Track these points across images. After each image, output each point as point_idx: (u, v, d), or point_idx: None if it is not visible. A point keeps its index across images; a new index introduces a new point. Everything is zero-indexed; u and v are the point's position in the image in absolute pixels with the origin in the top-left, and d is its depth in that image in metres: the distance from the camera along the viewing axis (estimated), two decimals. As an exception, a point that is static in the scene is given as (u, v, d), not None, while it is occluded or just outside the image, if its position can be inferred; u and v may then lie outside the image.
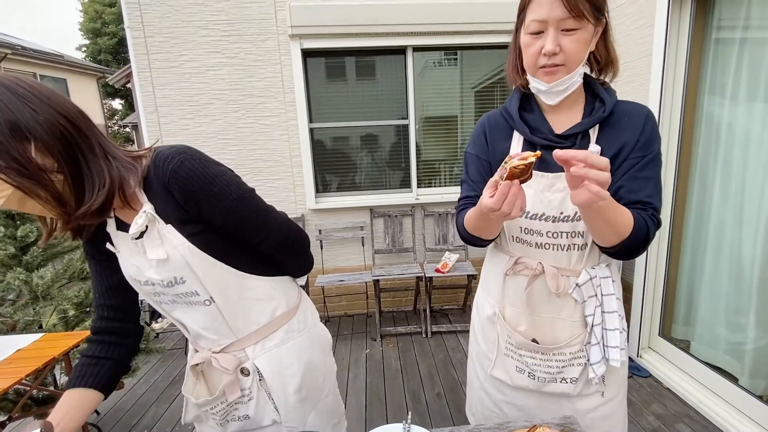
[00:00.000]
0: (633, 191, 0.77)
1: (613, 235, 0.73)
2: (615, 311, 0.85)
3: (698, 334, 2.17)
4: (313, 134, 3.16)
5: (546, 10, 0.72)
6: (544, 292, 0.88)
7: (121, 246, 0.77)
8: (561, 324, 0.89)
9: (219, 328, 0.84)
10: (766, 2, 1.69)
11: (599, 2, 0.73)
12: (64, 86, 11.18)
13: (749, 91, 1.79)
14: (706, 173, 2.04)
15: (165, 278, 0.75)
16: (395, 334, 2.96)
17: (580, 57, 0.75)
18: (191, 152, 0.72)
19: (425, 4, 2.91)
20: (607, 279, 0.86)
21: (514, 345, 0.94)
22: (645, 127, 0.79)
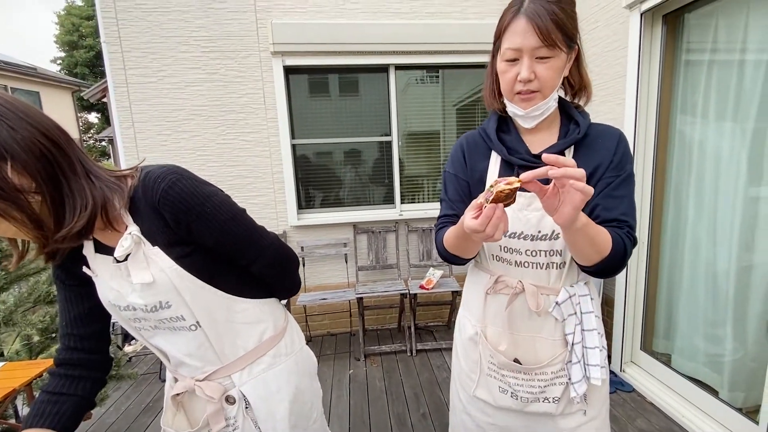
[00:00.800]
0: (608, 209, 0.80)
1: (594, 253, 0.74)
2: (594, 329, 0.86)
3: (678, 347, 2.20)
4: (296, 150, 3.13)
5: (520, 39, 0.75)
6: (525, 311, 0.88)
7: (99, 269, 0.73)
8: (542, 343, 0.89)
9: (204, 355, 0.80)
10: (731, 27, 1.78)
11: (570, 32, 0.76)
12: (37, 99, 10.87)
13: (718, 111, 1.87)
14: (681, 190, 2.10)
15: (149, 303, 0.72)
16: (379, 353, 2.90)
17: (554, 83, 0.79)
18: (182, 172, 0.70)
19: (407, 24, 2.96)
20: (585, 297, 0.87)
21: (496, 365, 0.94)
22: (618, 148, 0.82)
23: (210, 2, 2.80)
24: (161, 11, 2.76)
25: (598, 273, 0.80)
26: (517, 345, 0.91)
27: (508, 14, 0.78)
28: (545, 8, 0.73)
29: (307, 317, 3.19)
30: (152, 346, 0.83)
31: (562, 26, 0.74)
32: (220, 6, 2.81)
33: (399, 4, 2.96)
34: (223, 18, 2.82)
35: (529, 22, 0.73)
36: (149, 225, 0.69)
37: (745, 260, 1.81)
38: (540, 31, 0.73)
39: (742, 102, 1.76)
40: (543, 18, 0.72)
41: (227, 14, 2.82)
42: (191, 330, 0.77)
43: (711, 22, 1.86)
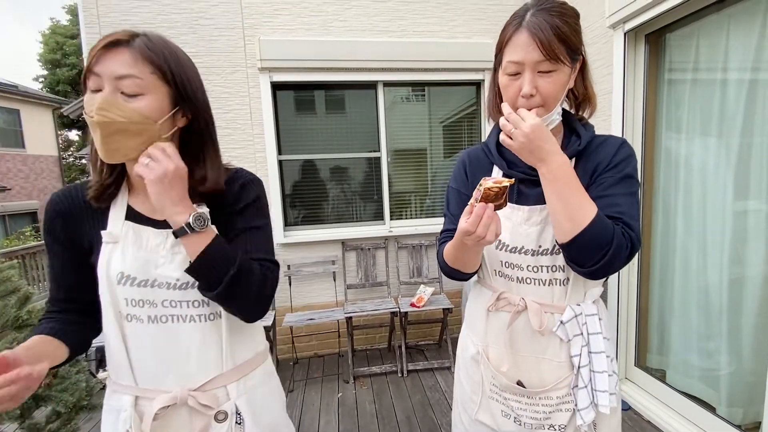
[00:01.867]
0: (603, 206, 0.75)
1: (566, 219, 0.71)
2: (602, 351, 0.81)
3: (673, 363, 2.17)
4: (282, 166, 3.08)
5: (522, 53, 0.73)
6: (528, 330, 0.84)
7: (128, 237, 0.74)
8: (547, 365, 0.85)
9: (206, 356, 0.76)
10: (711, 47, 1.83)
11: (574, 44, 0.74)
12: (17, 117, 10.66)
13: (703, 127, 1.90)
14: (669, 204, 2.11)
15: (184, 278, 0.72)
16: (369, 375, 2.80)
17: (557, 97, 0.77)
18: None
19: (396, 42, 2.99)
20: (593, 317, 0.82)
21: (498, 387, 0.89)
22: (618, 152, 0.80)
23: (196, 19, 2.78)
24: (147, 27, 2.71)
25: (576, 257, 0.74)
26: (520, 366, 0.87)
27: (510, 27, 0.76)
28: (548, 21, 0.71)
29: (294, 338, 3.07)
30: (134, 349, 0.74)
31: (565, 39, 0.72)
32: (207, 23, 2.79)
33: (387, 22, 2.99)
34: (209, 34, 2.80)
35: (531, 36, 0.72)
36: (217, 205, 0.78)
37: (735, 273, 1.81)
38: (542, 45, 0.71)
39: (725, 118, 1.79)
40: (545, 31, 0.71)
41: (214, 31, 2.81)
42: (209, 320, 0.76)
43: (692, 41, 1.91)
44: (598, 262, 0.71)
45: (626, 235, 0.73)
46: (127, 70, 0.65)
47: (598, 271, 0.73)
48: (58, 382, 1.65)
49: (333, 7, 2.92)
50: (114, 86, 0.65)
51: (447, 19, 3.06)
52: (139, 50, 0.66)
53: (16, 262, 1.76)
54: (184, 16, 2.76)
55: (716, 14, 1.78)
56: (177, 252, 0.74)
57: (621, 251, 0.72)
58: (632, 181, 0.79)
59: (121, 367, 0.75)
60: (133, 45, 0.66)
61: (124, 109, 0.65)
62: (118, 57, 0.66)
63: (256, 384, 0.83)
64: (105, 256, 0.73)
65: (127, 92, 0.66)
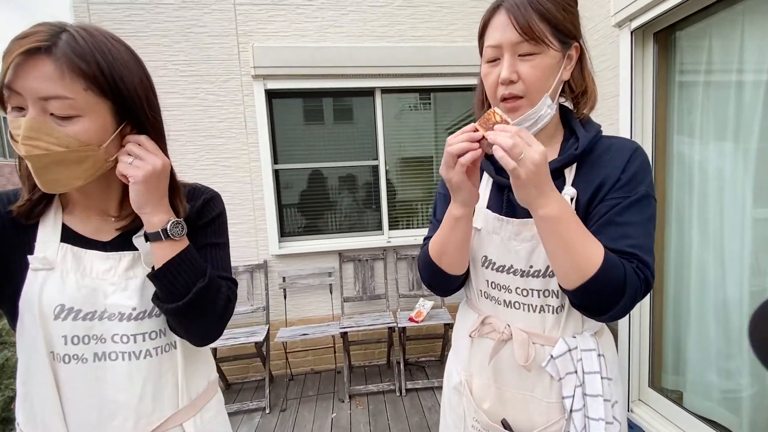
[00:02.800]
0: (613, 239, 0.64)
1: (571, 268, 0.60)
2: (599, 395, 0.68)
3: (690, 384, 2.01)
4: (278, 176, 3.00)
5: (499, 33, 0.65)
6: (514, 362, 0.73)
7: (66, 263, 0.63)
8: (536, 405, 0.73)
9: (162, 392, 0.68)
10: (725, 49, 1.70)
11: (562, 25, 0.65)
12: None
13: (717, 132, 1.77)
14: (683, 213, 1.97)
15: (141, 306, 0.66)
16: (366, 393, 2.67)
17: (542, 85, 0.66)
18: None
19: (393, 47, 2.90)
20: (590, 353, 0.69)
21: (480, 425, 0.78)
22: (629, 164, 0.67)
23: (190, 27, 2.73)
24: (140, 35, 2.68)
25: (584, 305, 0.64)
26: (506, 403, 0.75)
27: (489, 10, 0.69)
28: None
29: (288, 354, 2.96)
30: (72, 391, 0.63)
31: (549, 18, 0.63)
32: (201, 30, 2.74)
33: (385, 27, 2.92)
34: (202, 42, 2.75)
35: (507, 14, 0.64)
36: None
37: (756, 285, 1.67)
38: (518, 23, 0.62)
39: (743, 122, 1.66)
40: (522, 8, 0.63)
41: (207, 38, 2.76)
42: (165, 351, 0.69)
43: (704, 40, 1.79)
44: (610, 310, 0.61)
45: (641, 276, 0.62)
46: (53, 89, 0.53)
47: (612, 317, 0.63)
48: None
49: (329, 12, 2.85)
50: (40, 107, 0.53)
51: (446, 23, 2.97)
52: (65, 60, 0.53)
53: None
54: (178, 24, 2.72)
55: (728, 10, 1.66)
56: (132, 277, 0.66)
57: (636, 295, 0.61)
58: (648, 202, 0.66)
59: (46, 420, 0.63)
60: (57, 52, 0.53)
61: (58, 136, 0.54)
62: (40, 70, 0.53)
63: (212, 416, 0.78)
64: (35, 286, 0.61)
65: (58, 114, 0.54)
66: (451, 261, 0.75)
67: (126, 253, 0.67)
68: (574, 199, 0.69)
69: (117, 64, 0.58)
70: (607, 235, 0.64)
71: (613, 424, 0.69)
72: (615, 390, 0.73)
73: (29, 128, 0.52)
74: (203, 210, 0.76)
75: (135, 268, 0.67)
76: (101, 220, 0.68)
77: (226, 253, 0.80)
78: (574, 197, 0.69)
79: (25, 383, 0.63)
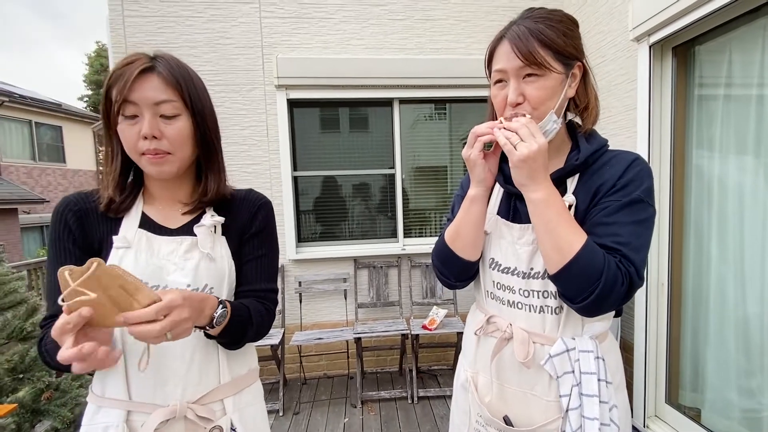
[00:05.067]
0: (599, 236, 0.68)
1: (552, 249, 0.67)
2: (595, 395, 0.71)
3: (708, 401, 1.97)
4: (297, 182, 3.08)
5: (504, 61, 0.72)
6: (515, 361, 0.77)
7: (141, 244, 0.76)
8: (535, 402, 0.77)
9: (207, 367, 0.77)
10: (746, 64, 1.70)
11: (563, 48, 0.71)
12: (59, 133, 11.29)
13: (738, 146, 1.76)
14: (701, 227, 1.95)
15: (194, 284, 0.75)
16: (378, 400, 2.69)
17: (547, 104, 0.72)
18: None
19: (412, 59, 2.97)
20: (587, 354, 0.72)
21: (484, 420, 0.82)
22: (627, 171, 0.72)
23: (218, 38, 2.86)
24: (171, 46, 2.81)
25: (563, 291, 0.69)
26: (507, 400, 0.80)
27: (494, 40, 0.76)
28: (528, 28, 0.70)
29: (302, 357, 3.01)
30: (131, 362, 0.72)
31: (549, 44, 0.69)
32: (227, 42, 2.86)
33: (404, 40, 2.99)
34: (229, 53, 2.87)
35: (510, 44, 0.71)
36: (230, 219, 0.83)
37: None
38: (520, 51, 0.69)
39: (763, 136, 1.65)
40: (523, 38, 0.70)
41: (234, 50, 2.87)
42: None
43: (724, 54, 1.79)
44: (586, 298, 0.65)
45: (622, 269, 0.65)
46: (163, 95, 0.71)
47: (589, 307, 0.66)
48: (57, 396, 1.64)
49: (351, 25, 2.94)
50: (153, 111, 0.70)
51: (465, 36, 3.02)
52: (165, 75, 0.71)
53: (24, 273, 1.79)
54: (206, 36, 2.84)
55: (749, 25, 1.66)
56: (189, 258, 0.76)
57: (614, 287, 0.64)
58: (641, 207, 0.69)
59: (113, 380, 0.73)
60: (159, 71, 0.71)
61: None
62: (150, 83, 0.70)
63: (249, 402, 0.83)
64: (115, 260, 0.73)
65: (167, 114, 0.71)
66: (464, 243, 0.81)
67: (186, 237, 0.78)
68: (573, 206, 0.73)
69: (194, 84, 0.76)
70: (595, 233, 0.69)
71: (609, 426, 0.71)
72: (615, 394, 0.75)
73: (152, 127, 0.70)
74: (257, 216, 0.86)
75: (192, 251, 0.77)
76: (173, 209, 0.81)
77: (274, 262, 0.89)
78: (573, 204, 0.73)
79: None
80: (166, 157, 0.73)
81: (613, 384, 0.75)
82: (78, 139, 11.95)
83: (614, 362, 0.79)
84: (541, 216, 0.68)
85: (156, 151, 0.71)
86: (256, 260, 0.85)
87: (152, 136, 0.70)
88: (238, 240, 0.84)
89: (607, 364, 0.74)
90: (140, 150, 0.71)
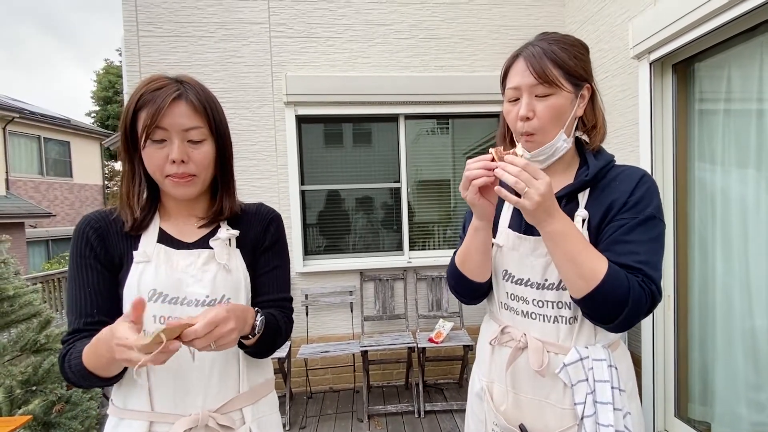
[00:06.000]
0: (618, 254, 0.71)
1: (577, 278, 0.68)
2: (609, 403, 0.73)
3: (718, 415, 1.96)
4: (304, 196, 3.13)
5: (518, 78, 0.77)
6: (530, 370, 0.79)
7: (160, 258, 0.78)
8: (551, 410, 0.78)
9: (227, 374, 0.79)
10: (744, 79, 1.75)
11: (574, 69, 0.75)
12: (68, 148, 11.47)
13: (739, 159, 1.79)
14: (706, 240, 1.97)
15: (213, 295, 0.78)
16: (384, 414, 2.67)
17: (555, 122, 0.76)
18: None
19: (417, 76, 3.05)
20: (601, 362, 0.75)
21: (500, 429, 0.84)
22: (637, 188, 0.75)
23: (229, 57, 2.95)
24: (183, 65, 2.90)
25: (591, 315, 0.71)
26: (522, 408, 0.81)
27: (510, 58, 0.81)
28: (543, 48, 0.75)
29: (308, 371, 3.00)
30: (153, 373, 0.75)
31: (561, 65, 0.74)
32: (238, 60, 2.95)
33: (410, 58, 3.07)
34: (240, 71, 2.95)
35: (525, 62, 0.76)
36: (243, 232, 0.86)
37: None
38: (534, 69, 0.74)
39: (764, 148, 1.69)
40: (538, 57, 0.75)
41: (244, 68, 2.96)
42: None
43: (723, 71, 1.84)
44: (615, 318, 0.68)
45: (645, 289, 0.69)
46: (192, 122, 0.74)
47: (619, 327, 0.70)
48: (69, 409, 1.66)
49: (357, 44, 3.03)
50: (182, 137, 0.74)
51: (468, 54, 3.11)
52: (194, 102, 0.74)
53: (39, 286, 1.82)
54: (218, 55, 2.93)
55: (747, 42, 1.72)
56: (206, 270, 0.79)
57: (640, 306, 0.68)
58: (654, 223, 0.73)
59: (136, 392, 0.75)
60: (188, 98, 0.74)
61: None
62: (180, 110, 0.73)
63: (265, 412, 0.85)
64: (136, 274, 0.75)
65: (195, 139, 0.75)
66: (472, 267, 0.84)
67: (203, 250, 0.81)
68: (586, 220, 0.76)
69: (218, 110, 0.80)
70: (614, 252, 0.71)
71: None
72: (629, 402, 0.77)
73: (181, 152, 0.73)
74: (269, 230, 0.90)
75: (209, 263, 0.80)
76: (189, 224, 0.84)
77: (287, 272, 0.93)
78: (586, 219, 0.76)
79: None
80: (192, 180, 0.76)
81: (626, 392, 0.77)
82: (85, 153, 12.12)
83: (626, 370, 0.81)
84: (563, 247, 0.68)
85: (183, 174, 0.74)
86: (271, 272, 0.89)
87: (180, 161, 0.73)
88: (251, 252, 0.87)
89: (620, 372, 0.76)
90: (166, 173, 0.74)
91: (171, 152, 0.72)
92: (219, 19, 2.93)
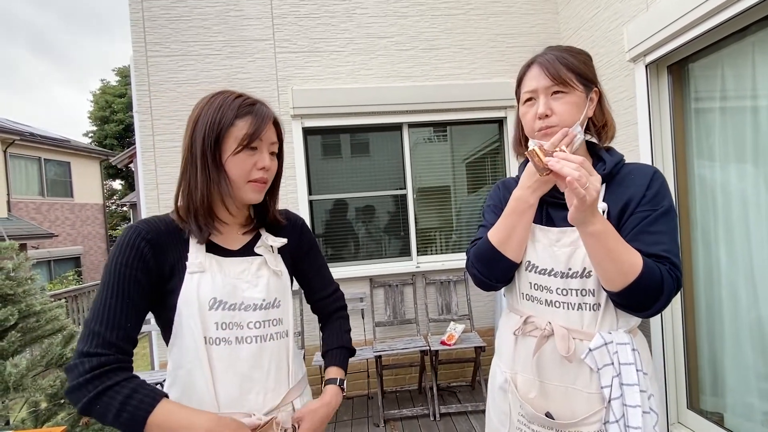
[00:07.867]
0: (647, 244, 0.76)
1: (616, 273, 0.71)
2: (635, 384, 0.76)
3: (730, 405, 1.99)
4: (313, 206, 3.19)
5: (534, 82, 0.84)
6: (556, 357, 0.82)
7: (213, 267, 0.81)
8: (578, 396, 0.81)
9: (281, 371, 0.84)
10: (738, 77, 1.83)
11: (584, 72, 0.83)
12: (68, 169, 11.51)
13: (737, 154, 1.86)
14: (708, 234, 2.03)
15: (267, 298, 0.84)
16: (400, 418, 2.70)
17: (573, 117, 0.82)
18: None
19: (419, 86, 3.14)
20: (625, 346, 0.78)
21: (526, 418, 0.86)
22: (651, 183, 0.81)
23: (235, 74, 3.03)
24: (192, 82, 2.98)
25: (628, 305, 0.75)
26: (549, 396, 0.84)
27: (524, 67, 0.88)
28: (555, 55, 0.83)
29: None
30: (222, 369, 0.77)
31: (573, 68, 0.81)
32: (245, 76, 3.03)
33: (411, 68, 3.16)
34: (246, 87, 3.02)
35: (540, 67, 0.83)
36: (288, 238, 0.93)
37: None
38: (549, 72, 0.81)
39: (761, 144, 1.76)
40: (552, 62, 0.82)
41: (251, 83, 3.04)
42: (281, 338, 0.86)
43: (716, 70, 1.92)
44: (650, 307, 0.74)
45: (673, 276, 0.74)
46: (276, 138, 0.86)
47: (651, 313, 0.75)
48: (94, 422, 1.68)
49: (360, 57, 3.12)
50: (269, 149, 0.85)
51: (467, 62, 3.20)
52: (277, 122, 0.87)
53: (63, 302, 1.86)
54: (224, 72, 3.01)
55: (739, 42, 1.80)
56: (260, 276, 0.85)
57: (670, 294, 0.73)
58: (672, 216, 0.79)
59: (203, 396, 0.76)
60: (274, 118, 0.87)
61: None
62: (271, 129, 0.84)
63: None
64: (193, 284, 0.77)
65: (274, 152, 0.86)
66: (514, 246, 0.85)
67: (255, 258, 0.87)
68: (605, 212, 0.82)
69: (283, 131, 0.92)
70: (642, 242, 0.76)
71: (650, 413, 0.77)
72: (651, 384, 0.81)
73: (270, 161, 0.84)
74: (303, 235, 1.00)
75: (262, 269, 0.86)
76: (232, 233, 0.88)
77: (327, 265, 1.07)
78: (605, 210, 0.82)
79: (181, 366, 0.77)
80: (265, 186, 0.85)
81: (648, 374, 0.81)
82: (85, 173, 12.17)
83: (646, 354, 0.85)
84: (604, 246, 0.70)
85: (264, 179, 0.83)
86: (317, 270, 1.02)
87: (266, 169, 0.83)
88: (290, 257, 0.95)
89: (641, 356, 0.80)
90: (252, 177, 0.81)
91: (261, 160, 0.81)
92: (225, 37, 3.02)
